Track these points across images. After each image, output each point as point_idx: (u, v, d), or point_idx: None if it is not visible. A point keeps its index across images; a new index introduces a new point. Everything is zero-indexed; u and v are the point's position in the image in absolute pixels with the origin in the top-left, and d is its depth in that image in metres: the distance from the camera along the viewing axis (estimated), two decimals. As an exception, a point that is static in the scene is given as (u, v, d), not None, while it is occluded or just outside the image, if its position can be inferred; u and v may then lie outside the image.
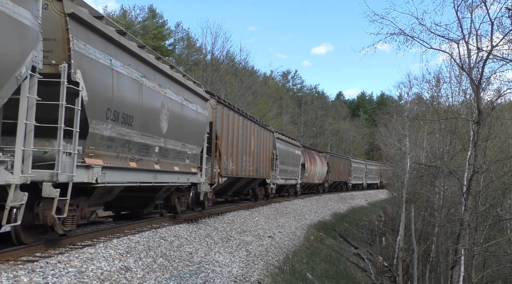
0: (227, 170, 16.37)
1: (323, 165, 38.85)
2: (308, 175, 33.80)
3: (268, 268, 11.95)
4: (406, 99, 35.24)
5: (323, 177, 39.31)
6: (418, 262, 23.54)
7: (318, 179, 37.84)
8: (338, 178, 45.27)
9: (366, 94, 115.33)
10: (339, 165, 45.18)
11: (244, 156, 18.85)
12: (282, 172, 26.08)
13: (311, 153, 36.85)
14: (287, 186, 29.49)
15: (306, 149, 36.11)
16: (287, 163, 27.46)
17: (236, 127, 17.66)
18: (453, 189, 22.78)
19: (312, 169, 34.77)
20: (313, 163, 35.31)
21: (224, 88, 38.33)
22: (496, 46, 14.39)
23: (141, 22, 48.08)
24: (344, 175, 47.95)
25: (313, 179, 35.88)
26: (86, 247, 7.88)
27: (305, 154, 33.54)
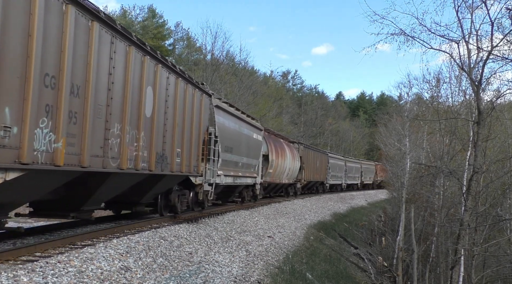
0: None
1: (295, 159, 29.60)
2: (273, 172, 24.53)
3: (268, 268, 11.95)
4: (406, 99, 35.32)
5: (294, 175, 29.98)
6: (418, 262, 23.55)
7: (288, 177, 28.56)
8: (314, 176, 36.25)
9: (366, 94, 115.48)
10: (315, 160, 36.28)
11: (132, 128, 9.25)
12: (227, 165, 16.77)
13: (279, 141, 27.64)
14: (240, 187, 19.87)
15: (272, 135, 27.10)
16: (237, 151, 17.84)
17: (122, 67, 8.76)
18: (453, 189, 22.79)
19: (279, 163, 25.38)
20: (281, 155, 25.98)
21: (224, 88, 38.32)
22: (496, 46, 14.40)
23: (141, 22, 48.10)
24: (320, 173, 38.87)
25: (280, 178, 26.63)
26: (86, 247, 7.88)
27: (270, 141, 24.44)
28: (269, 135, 25.88)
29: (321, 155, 39.93)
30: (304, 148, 32.83)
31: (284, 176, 27.34)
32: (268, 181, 24.14)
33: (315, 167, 36.62)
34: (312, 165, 35.43)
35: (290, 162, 28.08)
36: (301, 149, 32.19)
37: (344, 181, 49.69)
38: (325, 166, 40.88)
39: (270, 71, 74.09)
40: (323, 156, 40.28)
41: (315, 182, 37.79)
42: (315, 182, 38.04)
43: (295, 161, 29.58)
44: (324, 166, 40.41)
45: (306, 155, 33.10)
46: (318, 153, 38.77)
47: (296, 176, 30.64)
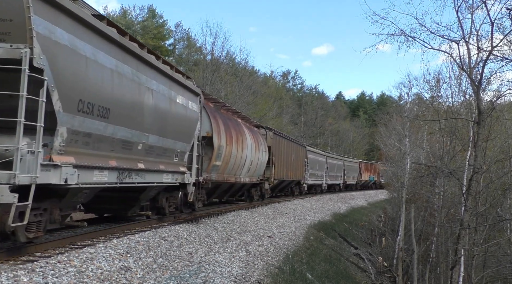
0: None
1: (260, 149, 21.53)
2: (223, 166, 16.57)
3: (268, 268, 11.95)
4: (406, 99, 35.32)
5: (259, 172, 22.01)
6: (418, 262, 23.54)
7: (250, 174, 20.49)
8: (288, 174, 28.23)
9: (366, 95, 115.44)
10: (289, 153, 28.32)
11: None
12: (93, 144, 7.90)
13: (234, 120, 19.33)
14: (148, 191, 10.84)
15: (222, 109, 18.52)
16: (127, 120, 8.77)
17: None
18: (453, 189, 22.79)
19: (234, 152, 17.36)
20: (238, 141, 17.93)
21: (224, 88, 38.34)
22: (497, 46, 14.41)
23: (141, 22, 48.09)
24: (296, 171, 30.66)
25: (237, 175, 18.53)
26: (86, 247, 7.88)
27: (216, 117, 16.13)
28: (216, 108, 17.34)
29: (298, 147, 31.55)
30: (274, 136, 24.73)
31: (242, 172, 18.99)
32: (215, 179, 15.75)
33: (289, 161, 28.49)
34: (286, 159, 27.47)
35: (253, 152, 19.79)
36: (270, 136, 24.24)
37: (325, 181, 41.61)
38: (303, 161, 32.74)
39: (270, 71, 74.16)
40: (300, 149, 32.05)
41: (289, 181, 29.59)
42: (289, 182, 29.85)
43: (261, 152, 21.37)
44: (301, 161, 32.27)
45: (277, 145, 25.25)
46: (294, 144, 30.23)
47: (262, 172, 22.46)
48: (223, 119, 16.97)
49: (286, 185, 30.66)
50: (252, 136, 20.69)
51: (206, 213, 15.53)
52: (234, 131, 17.71)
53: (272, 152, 24.03)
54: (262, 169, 22.40)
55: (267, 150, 23.33)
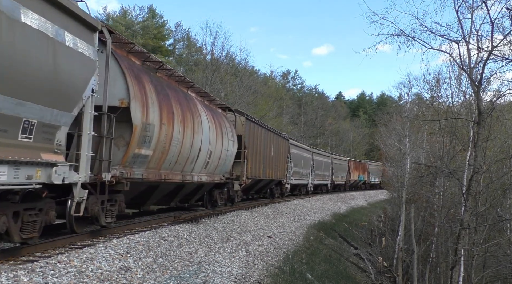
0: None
1: (226, 137, 16.48)
2: (157, 156, 10.97)
3: (268, 268, 11.95)
4: (406, 99, 35.30)
5: (225, 168, 17.06)
6: (418, 262, 23.54)
7: (211, 171, 15.38)
8: (266, 172, 23.21)
9: (366, 95, 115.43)
10: (267, 146, 23.32)
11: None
12: None
13: (184, 94, 13.57)
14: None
15: (157, 70, 12.03)
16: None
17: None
18: (453, 189, 22.78)
19: (174, 134, 11.60)
20: (183, 119, 12.27)
21: (224, 89, 38.34)
22: (497, 46, 14.40)
23: (141, 22, 48.11)
24: (277, 168, 25.73)
25: (183, 170, 13.05)
26: (86, 247, 7.88)
27: (141, 77, 10.37)
28: (147, 68, 11.33)
29: (279, 139, 26.31)
30: (247, 122, 19.55)
31: (196, 167, 13.60)
32: (141, 176, 10.41)
33: (268, 156, 23.46)
34: (263, 153, 22.39)
35: (213, 140, 14.52)
36: (242, 122, 19.08)
37: (310, 181, 36.15)
38: (285, 157, 27.79)
39: (270, 71, 74.16)
40: (281, 142, 26.98)
41: (268, 181, 24.56)
42: (267, 182, 24.76)
43: (226, 141, 16.23)
44: (283, 157, 27.36)
45: (252, 135, 20.31)
46: (274, 136, 25.07)
47: (229, 169, 17.55)
48: (158, 86, 11.01)
49: (264, 186, 25.22)
50: (213, 118, 15.04)
51: (206, 213, 15.53)
52: (179, 106, 11.91)
53: (244, 142, 18.98)
54: (229, 164, 17.26)
55: (237, 139, 17.98)
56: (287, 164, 28.47)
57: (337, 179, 47.39)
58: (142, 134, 9.85)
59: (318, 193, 40.98)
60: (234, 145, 17.56)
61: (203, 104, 14.96)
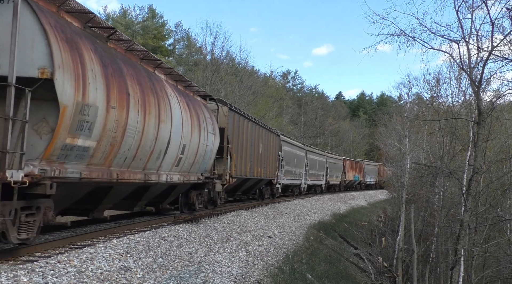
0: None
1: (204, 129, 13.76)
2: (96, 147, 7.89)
3: (267, 268, 11.95)
4: (406, 99, 35.30)
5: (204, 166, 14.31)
6: (418, 262, 23.54)
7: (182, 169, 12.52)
8: (254, 171, 20.82)
9: (366, 95, 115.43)
10: (255, 141, 21.00)
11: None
12: None
13: (148, 73, 10.52)
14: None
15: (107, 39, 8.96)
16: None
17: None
18: (453, 190, 22.79)
19: (129, 121, 8.75)
20: (143, 103, 9.38)
21: (224, 89, 38.34)
22: (497, 46, 14.41)
23: (141, 22, 48.11)
24: (266, 166, 23.08)
25: (147, 167, 10.24)
26: (85, 247, 7.88)
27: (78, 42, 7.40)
28: (90, 35, 8.33)
29: (268, 134, 23.73)
30: (231, 113, 17.11)
31: (164, 164, 11.23)
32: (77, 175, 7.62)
33: (256, 153, 21.04)
34: (250, 149, 20.06)
35: (187, 131, 12.22)
36: (225, 113, 16.64)
37: (304, 181, 33.52)
38: (275, 154, 25.37)
39: (270, 71, 74.16)
40: (271, 137, 24.44)
41: (256, 180, 22.03)
42: (256, 181, 22.22)
43: (206, 134, 13.79)
44: (274, 154, 24.93)
45: (237, 128, 18.05)
46: (263, 130, 22.47)
47: (210, 167, 15.04)
48: (106, 58, 8.31)
49: (252, 186, 22.65)
50: (188, 106, 12.60)
51: (206, 213, 15.53)
52: (139, 87, 9.30)
53: (227, 136, 16.59)
54: (209, 161, 14.65)
55: (219, 132, 15.45)
56: (278, 162, 25.84)
57: (332, 178, 44.95)
58: (76, 118, 7.13)
59: (312, 193, 38.75)
60: (215, 139, 14.85)
61: (175, 89, 12.22)
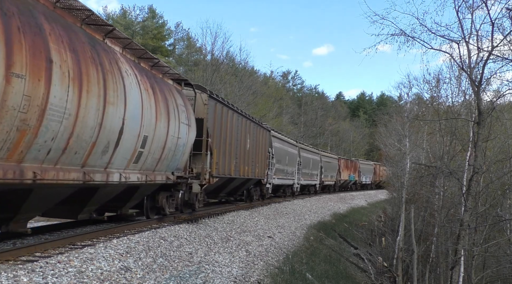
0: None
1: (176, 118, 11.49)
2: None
3: (268, 268, 11.95)
4: (406, 99, 35.28)
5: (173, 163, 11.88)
6: (418, 262, 23.54)
7: (144, 165, 10.24)
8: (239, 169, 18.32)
9: (366, 95, 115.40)
10: (241, 136, 18.58)
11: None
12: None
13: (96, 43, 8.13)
14: None
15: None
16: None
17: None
18: (453, 190, 22.78)
19: (52, 94, 6.34)
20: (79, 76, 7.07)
21: (224, 89, 38.34)
22: (497, 46, 14.40)
23: (141, 22, 48.12)
24: (254, 164, 20.60)
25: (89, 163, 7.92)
26: (85, 247, 7.88)
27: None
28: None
29: (257, 128, 21.15)
30: (211, 102, 14.75)
31: (115, 159, 8.82)
32: None
33: (242, 149, 18.52)
34: (235, 144, 17.49)
35: (149, 118, 10.02)
36: (204, 102, 14.24)
37: (297, 181, 31.12)
38: (265, 151, 22.87)
39: (270, 71, 74.17)
40: (260, 132, 21.82)
41: (243, 180, 19.43)
42: (243, 181, 19.59)
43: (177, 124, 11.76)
44: (263, 151, 22.43)
45: (219, 120, 15.53)
46: (251, 124, 19.89)
47: (184, 164, 13.02)
48: (14, 8, 6.01)
49: (239, 186, 20.01)
50: (151, 88, 10.26)
51: (206, 213, 15.53)
52: (73, 55, 7.10)
53: (207, 129, 14.04)
54: (182, 157, 12.30)
55: (195, 124, 13.15)
56: (268, 160, 23.34)
57: (327, 178, 42.04)
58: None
59: (306, 194, 36.39)
60: (190, 131, 12.39)
61: (135, 66, 9.82)
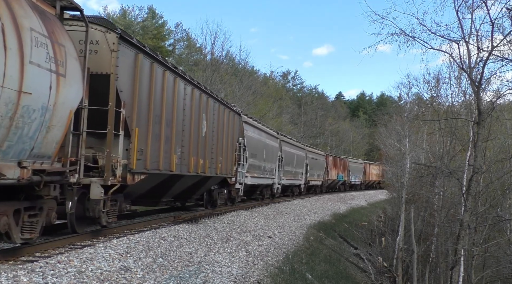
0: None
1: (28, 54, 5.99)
2: None
3: (267, 268, 11.95)
4: (406, 99, 35.29)
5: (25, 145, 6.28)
6: (417, 262, 23.54)
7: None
8: (192, 163, 13.08)
9: (366, 95, 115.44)
10: (192, 113, 13.02)
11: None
12: None
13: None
14: None
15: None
16: None
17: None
18: (453, 190, 22.78)
19: None
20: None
21: (224, 89, 38.35)
22: (497, 46, 14.41)
23: (140, 23, 48.09)
24: (217, 157, 15.53)
25: None
26: (85, 247, 7.88)
27: None
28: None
29: (221, 108, 16.10)
30: (125, 48, 9.43)
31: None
32: None
33: (195, 134, 13.47)
34: (181, 126, 12.40)
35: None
36: (110, 46, 9.01)
37: (278, 180, 26.02)
38: (233, 140, 17.98)
39: (270, 71, 74.18)
40: (226, 114, 16.84)
41: (199, 178, 14.39)
42: (197, 180, 14.48)
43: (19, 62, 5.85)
44: (231, 140, 17.59)
45: (147, 83, 10.40)
46: (209, 100, 14.76)
47: (50, 147, 7.01)
48: None
49: (192, 188, 14.68)
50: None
51: (206, 213, 15.53)
52: None
53: (120, 94, 9.24)
54: (40, 133, 6.64)
55: (82, 76, 7.83)
56: (238, 153, 18.27)
57: (313, 178, 36.99)
58: None
59: (289, 195, 31.49)
60: (66, 86, 7.14)
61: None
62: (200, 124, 13.88)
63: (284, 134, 31.02)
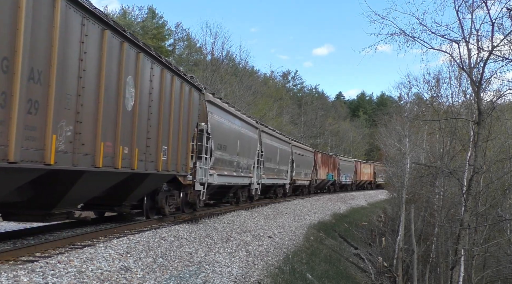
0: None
1: None
2: None
3: (268, 268, 11.95)
4: (406, 99, 35.33)
5: None
6: (418, 262, 23.54)
7: None
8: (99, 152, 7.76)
9: (366, 95, 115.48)
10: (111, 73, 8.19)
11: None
12: None
13: None
14: None
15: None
16: None
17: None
18: (453, 189, 22.77)
19: None
20: None
21: (224, 88, 38.35)
22: (497, 46, 14.40)
23: (140, 23, 48.10)
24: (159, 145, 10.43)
25: None
26: (86, 247, 7.88)
27: None
28: None
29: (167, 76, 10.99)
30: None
31: None
32: None
33: (112, 106, 8.36)
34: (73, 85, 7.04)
35: None
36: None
37: (256, 179, 21.43)
38: (189, 125, 12.93)
39: (270, 71, 74.19)
40: (178, 86, 11.76)
41: (126, 176, 9.35)
42: (126, 177, 9.37)
43: None
44: (185, 124, 12.58)
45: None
46: (143, 57, 9.59)
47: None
48: None
49: (117, 190, 9.81)
50: None
51: (206, 213, 15.53)
52: None
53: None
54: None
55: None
56: (198, 143, 13.68)
57: (299, 176, 32.38)
58: None
59: (270, 198, 27.24)
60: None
61: None
62: (120, 92, 8.69)
63: (265, 124, 25.36)
